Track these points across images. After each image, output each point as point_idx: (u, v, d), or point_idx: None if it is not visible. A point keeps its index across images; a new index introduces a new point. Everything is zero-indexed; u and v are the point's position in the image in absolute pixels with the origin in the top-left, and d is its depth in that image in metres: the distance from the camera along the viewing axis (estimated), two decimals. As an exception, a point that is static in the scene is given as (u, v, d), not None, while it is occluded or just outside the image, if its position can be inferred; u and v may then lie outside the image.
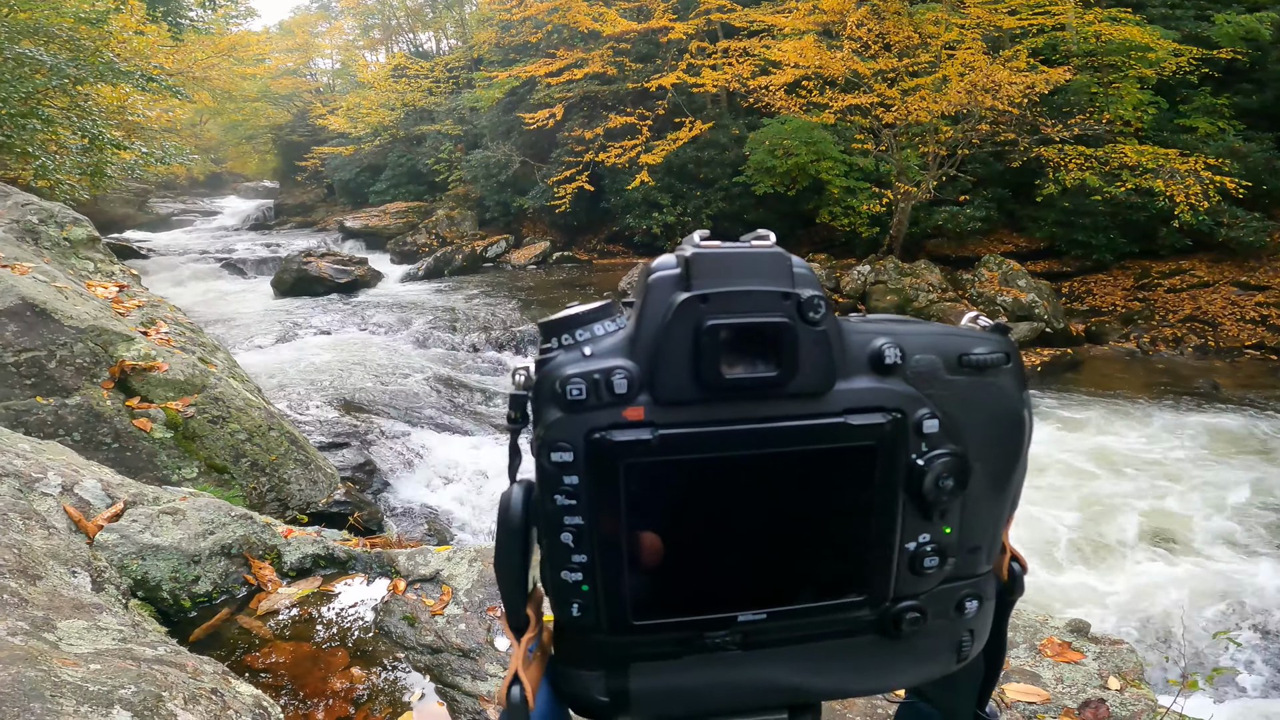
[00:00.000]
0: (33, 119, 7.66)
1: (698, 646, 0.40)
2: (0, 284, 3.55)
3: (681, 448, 0.36)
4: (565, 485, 0.37)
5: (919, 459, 0.39)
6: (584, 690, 0.41)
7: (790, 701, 0.43)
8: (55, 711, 0.83)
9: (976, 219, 11.63)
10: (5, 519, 1.34)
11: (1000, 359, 0.41)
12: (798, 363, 0.37)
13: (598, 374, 0.36)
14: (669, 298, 0.36)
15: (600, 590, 0.38)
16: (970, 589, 0.43)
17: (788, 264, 0.37)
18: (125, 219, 19.68)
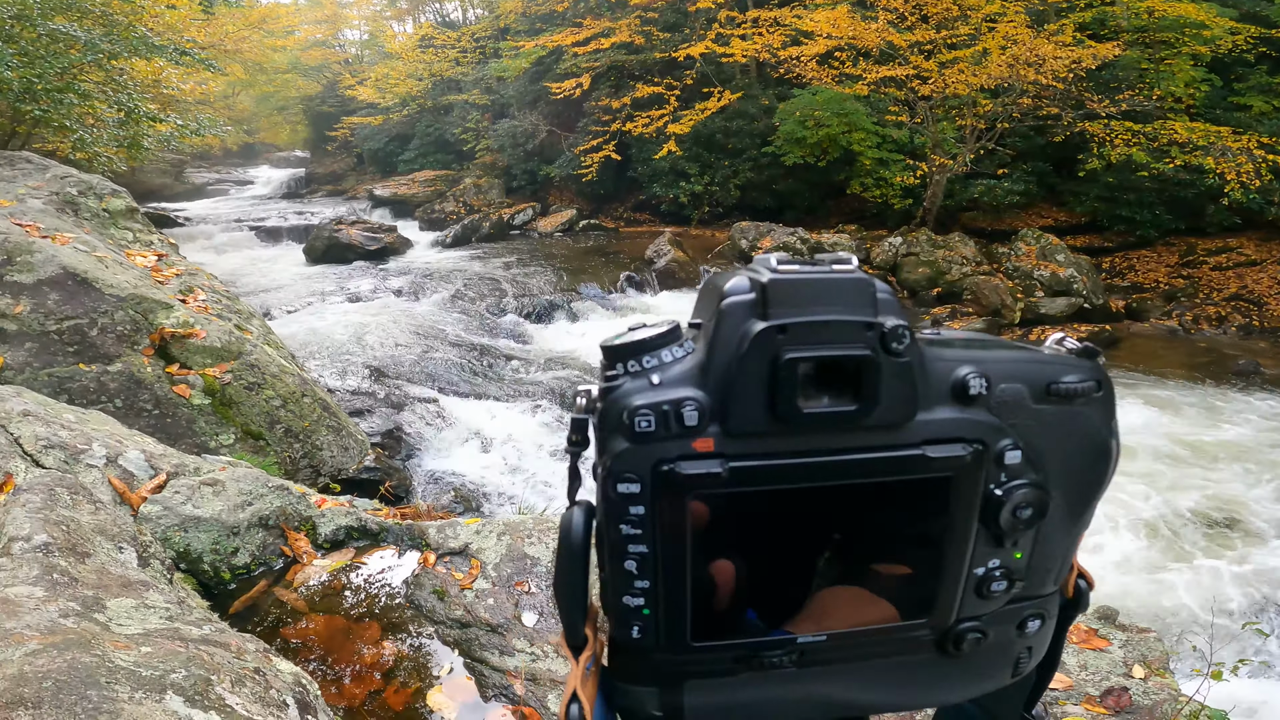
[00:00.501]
0: (69, 94, 7.80)
1: (754, 665, 0.40)
2: (41, 254, 3.66)
3: (752, 480, 0.36)
4: (631, 515, 0.36)
5: (997, 489, 0.38)
6: (639, 706, 0.41)
7: (841, 715, 0.43)
8: (111, 699, 0.84)
9: (1015, 192, 11.35)
10: (53, 494, 1.37)
11: (1091, 387, 0.39)
12: (878, 395, 0.36)
13: (667, 405, 0.35)
14: (743, 326, 0.35)
15: (661, 614, 0.38)
16: (1034, 609, 0.43)
17: (871, 291, 0.36)
18: (163, 189, 20.10)
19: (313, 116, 25.95)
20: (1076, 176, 11.15)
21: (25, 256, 3.64)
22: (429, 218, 15.69)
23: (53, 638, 0.93)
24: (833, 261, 0.37)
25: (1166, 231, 10.97)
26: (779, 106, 12.60)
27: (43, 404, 2.08)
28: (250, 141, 30.40)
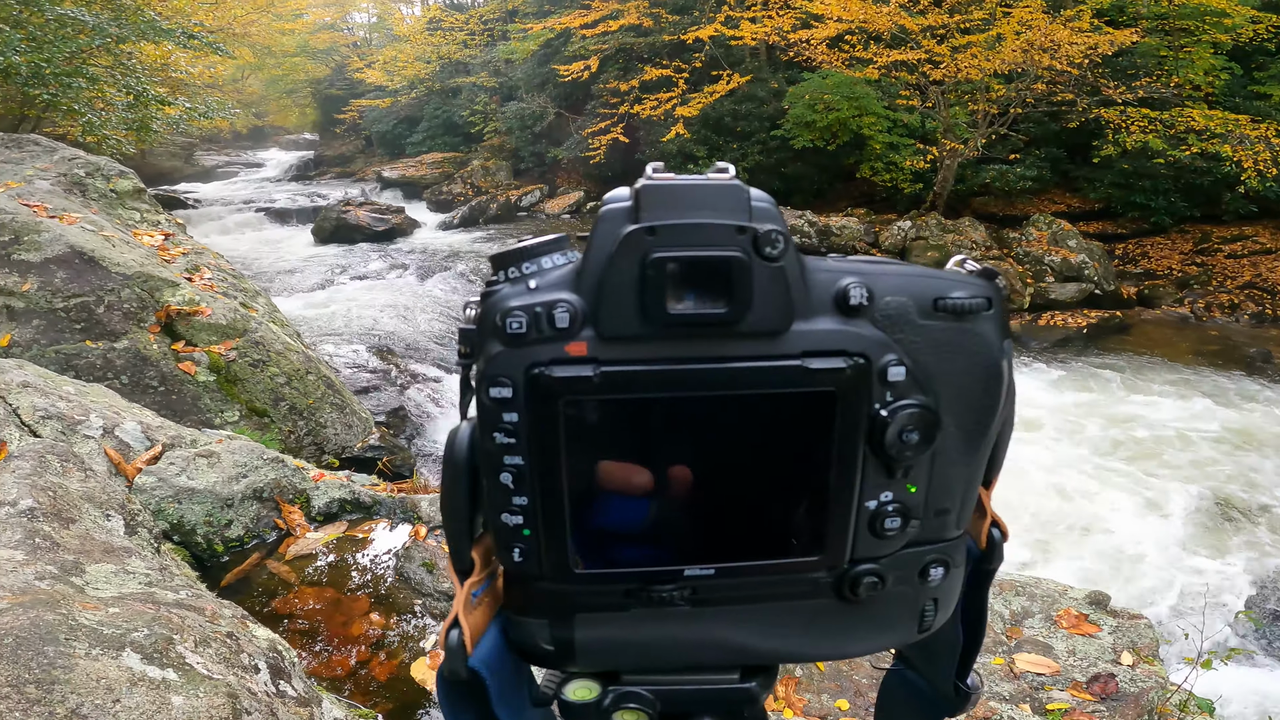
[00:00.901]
0: (78, 78, 7.84)
1: (645, 600, 0.38)
2: (49, 233, 3.71)
3: (625, 386, 0.34)
4: (505, 423, 0.35)
5: (883, 409, 0.36)
6: (530, 638, 0.41)
7: (741, 662, 0.42)
8: (67, 654, 0.86)
9: (1027, 178, 11.25)
10: (43, 461, 1.37)
11: (980, 304, 0.37)
12: (751, 300, 0.34)
13: (540, 307, 0.34)
14: (617, 230, 0.34)
15: (541, 535, 0.37)
16: (936, 554, 0.41)
17: (745, 196, 0.35)
18: (173, 172, 20.19)
19: (321, 99, 25.93)
20: (1091, 162, 11.02)
21: (32, 235, 3.69)
22: (437, 199, 15.74)
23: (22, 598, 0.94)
24: (712, 171, 0.36)
25: (1181, 219, 10.84)
26: (788, 90, 12.48)
27: (43, 376, 2.11)
28: (259, 125, 30.42)
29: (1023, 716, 2.23)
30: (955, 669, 0.48)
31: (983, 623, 0.47)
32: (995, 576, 0.46)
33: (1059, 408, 6.78)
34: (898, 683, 0.53)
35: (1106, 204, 11.32)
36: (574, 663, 0.41)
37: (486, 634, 0.41)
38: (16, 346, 3.32)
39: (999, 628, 2.78)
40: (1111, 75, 10.27)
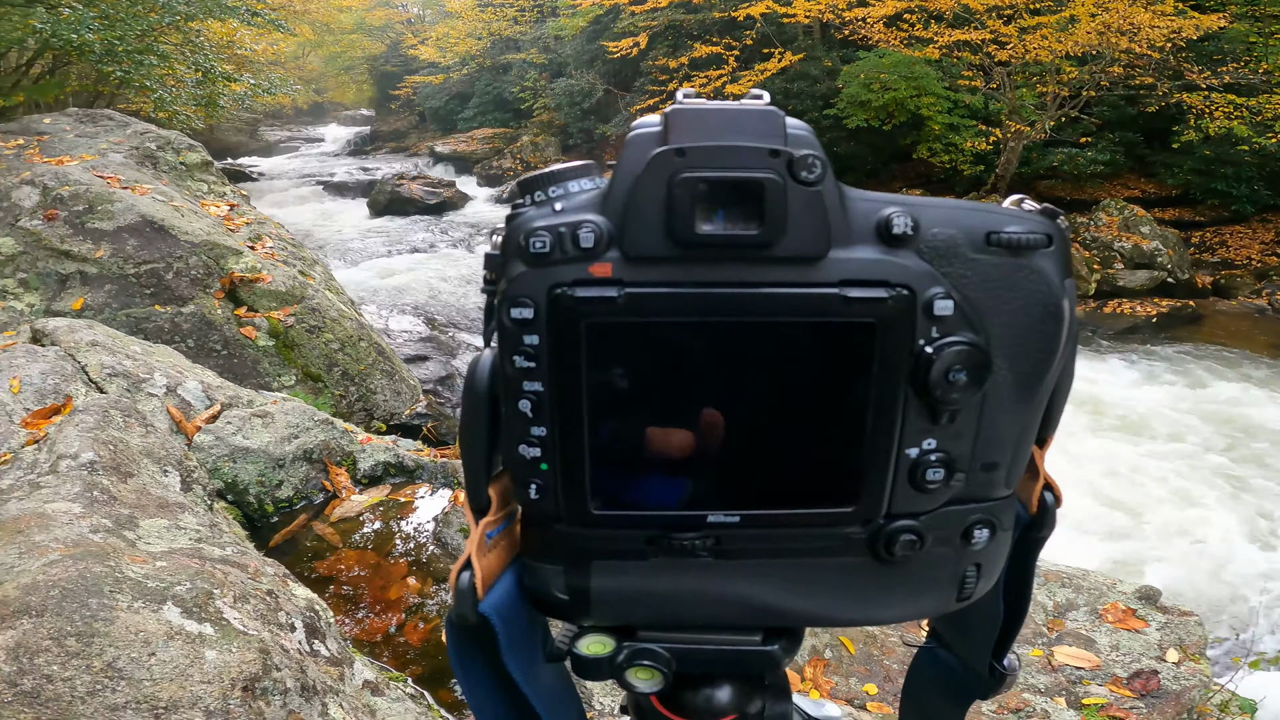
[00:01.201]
0: (149, 55, 8.14)
1: (665, 548, 0.36)
2: (121, 203, 3.91)
3: (650, 309, 0.33)
4: (525, 345, 0.34)
5: (927, 346, 0.33)
6: (544, 586, 0.39)
7: (764, 623, 0.40)
8: (110, 607, 0.89)
9: (1099, 162, 10.71)
10: (106, 416, 1.41)
11: (1039, 239, 0.34)
12: (785, 223, 0.32)
13: (564, 227, 0.33)
14: (645, 152, 0.33)
15: (559, 470, 0.35)
16: (982, 514, 0.37)
17: (780, 122, 0.33)
18: (239, 146, 20.98)
19: (377, 76, 26.44)
20: (1169, 148, 10.42)
21: (105, 205, 3.90)
22: (487, 174, 16.04)
23: (74, 550, 0.98)
24: (747, 98, 0.35)
25: (1264, 208, 10.19)
26: (843, 69, 12.11)
27: (112, 336, 2.24)
28: (319, 100, 31.21)
29: (1056, 710, 2.18)
30: (993, 647, 0.44)
31: (1027, 597, 0.43)
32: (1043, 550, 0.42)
33: (1122, 397, 6.50)
34: (928, 661, 0.51)
35: (1184, 190, 10.74)
36: (589, 614, 0.39)
37: (501, 580, 0.39)
38: (89, 310, 3.53)
39: (1040, 619, 2.71)
40: (1196, 60, 9.71)
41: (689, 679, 0.43)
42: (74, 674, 0.78)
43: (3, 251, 3.67)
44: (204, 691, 0.81)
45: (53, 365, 1.79)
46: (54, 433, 1.30)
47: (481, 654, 0.40)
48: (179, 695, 0.79)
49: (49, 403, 1.60)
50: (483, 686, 0.41)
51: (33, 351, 1.83)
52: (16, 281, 3.63)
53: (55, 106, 7.68)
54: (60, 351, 1.96)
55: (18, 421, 1.45)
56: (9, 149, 4.55)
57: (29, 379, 1.65)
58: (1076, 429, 5.78)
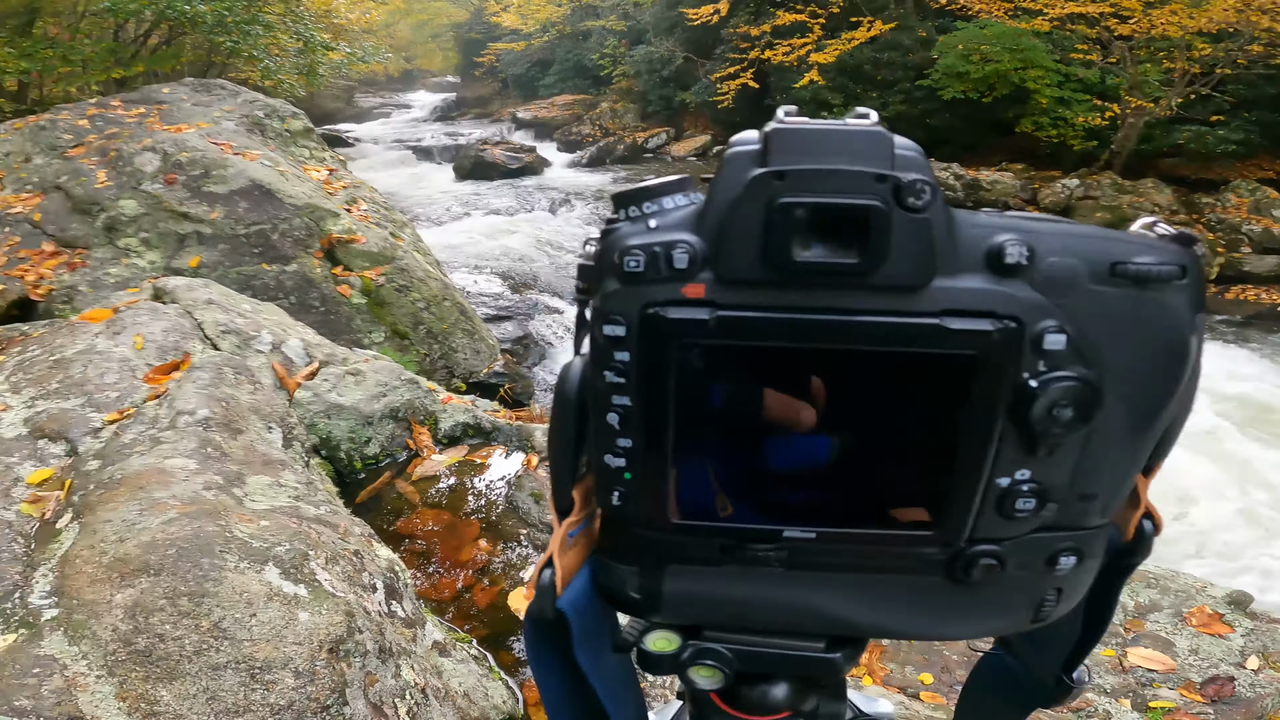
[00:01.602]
0: (256, 25, 8.57)
1: (739, 557, 0.37)
2: (233, 168, 4.18)
3: (742, 332, 0.32)
4: (616, 361, 0.34)
5: (1033, 380, 0.32)
6: (618, 584, 0.40)
7: (830, 631, 0.40)
8: (219, 567, 0.93)
9: (1231, 141, 9.80)
10: (220, 373, 1.49)
11: (1172, 272, 0.32)
12: (888, 251, 0.31)
13: (658, 246, 0.33)
14: (743, 174, 0.32)
15: (642, 480, 0.36)
16: (1071, 542, 0.36)
17: (888, 144, 0.32)
18: (336, 113, 21.89)
19: (462, 43, 26.85)
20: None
21: (220, 170, 4.18)
22: (566, 140, 16.14)
23: (190, 508, 1.03)
24: (850, 116, 0.33)
25: None
26: (938, 39, 11.44)
27: (225, 294, 2.40)
28: (408, 68, 31.98)
29: (1120, 711, 2.09)
30: (1065, 661, 0.44)
31: (1108, 617, 0.42)
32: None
33: (1241, 389, 5.97)
34: (993, 666, 0.50)
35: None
36: (658, 613, 0.40)
37: (577, 576, 0.41)
38: (204, 268, 3.82)
39: (1118, 619, 2.59)
40: None
41: (747, 675, 0.44)
42: (184, 633, 0.84)
43: (126, 213, 4.01)
44: (295, 653, 0.85)
45: (173, 323, 1.95)
46: (173, 389, 1.41)
47: (556, 647, 0.41)
48: (273, 656, 0.84)
49: (169, 359, 1.76)
50: (553, 675, 0.43)
51: (155, 309, 2.00)
52: (139, 240, 3.96)
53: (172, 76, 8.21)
54: (179, 309, 2.13)
55: (140, 377, 1.60)
56: (131, 117, 4.92)
57: (151, 336, 1.81)
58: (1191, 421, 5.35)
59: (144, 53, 9.03)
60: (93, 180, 4.16)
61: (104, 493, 1.06)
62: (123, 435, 1.27)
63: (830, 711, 0.46)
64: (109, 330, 1.78)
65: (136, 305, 2.05)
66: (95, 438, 1.31)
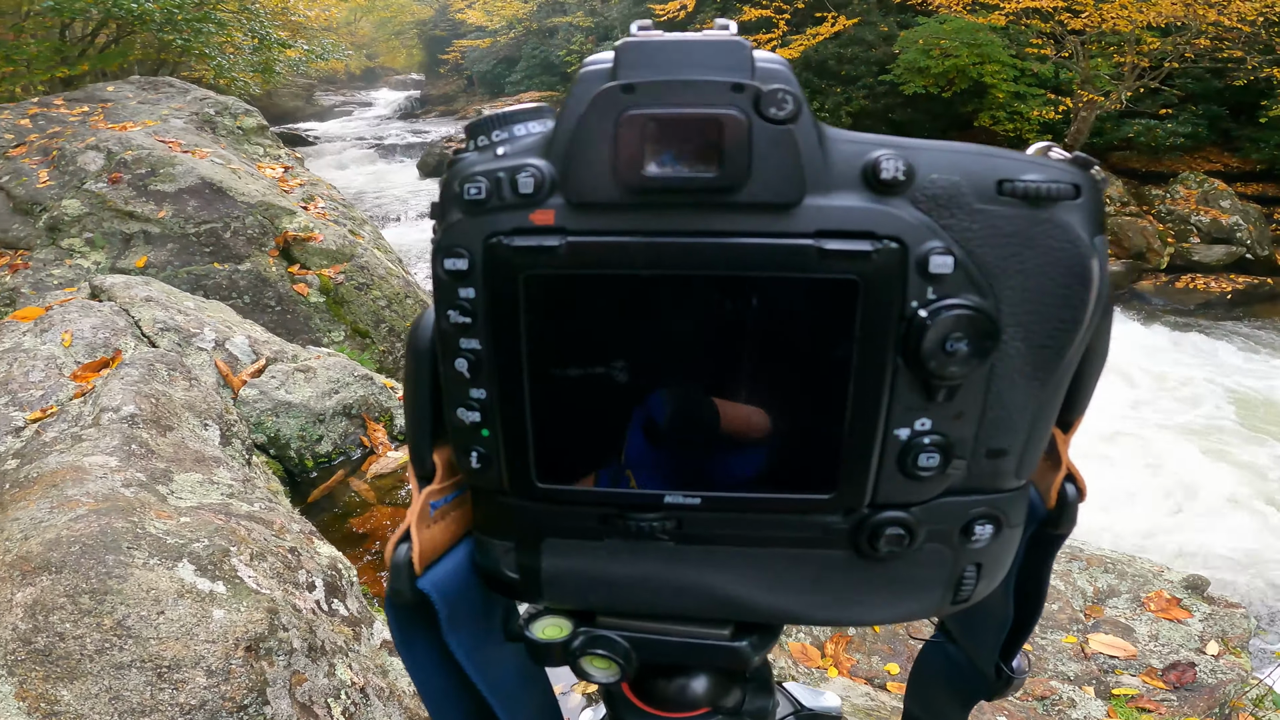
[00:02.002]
0: (208, 23, 8.33)
1: (621, 529, 0.33)
2: (182, 166, 4.05)
3: (596, 260, 0.29)
4: (461, 299, 0.31)
5: (921, 309, 0.29)
6: (494, 563, 0.36)
7: (731, 616, 0.36)
8: (126, 564, 0.88)
9: (1179, 134, 10.23)
10: (151, 369, 1.41)
11: (1064, 189, 0.29)
12: (750, 165, 0.28)
13: (502, 172, 0.30)
14: (592, 90, 0.29)
15: (500, 437, 0.33)
16: (986, 508, 0.33)
17: (746, 53, 0.29)
18: (295, 111, 21.48)
19: (426, 40, 26.63)
20: (1256, 122, 9.93)
21: (167, 168, 4.05)
22: (534, 138, 16.24)
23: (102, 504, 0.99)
24: (711, 31, 0.31)
25: None
26: (900, 34, 11.71)
27: (166, 292, 2.32)
28: (371, 66, 31.57)
29: (1084, 699, 2.13)
30: (1000, 648, 0.41)
31: (1040, 598, 0.39)
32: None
33: (1189, 375, 6.18)
34: (935, 656, 0.48)
35: (1270, 166, 10.26)
36: (541, 595, 0.36)
37: (450, 555, 0.37)
38: (152, 267, 3.69)
39: (1078, 604, 2.64)
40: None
41: (661, 668, 0.40)
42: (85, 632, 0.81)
43: (69, 213, 3.86)
44: (207, 651, 0.82)
45: (105, 320, 1.87)
46: (100, 385, 1.35)
47: (424, 631, 0.37)
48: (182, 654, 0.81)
49: (99, 356, 1.69)
50: (425, 664, 0.38)
51: (87, 306, 1.92)
52: (83, 240, 3.82)
53: (120, 75, 7.96)
54: (115, 306, 2.05)
55: (67, 375, 1.53)
56: (75, 116, 4.75)
57: (80, 333, 1.74)
58: (1137, 404, 5.54)
59: (91, 51, 8.74)
60: (34, 180, 4.01)
61: (17, 491, 1.01)
62: (44, 434, 1.21)
63: (756, 708, 0.42)
64: (36, 329, 1.71)
65: (68, 304, 1.97)
66: (16, 437, 1.26)
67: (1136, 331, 7.34)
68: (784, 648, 2.17)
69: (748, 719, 0.42)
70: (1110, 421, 5.19)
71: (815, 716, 0.52)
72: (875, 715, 1.86)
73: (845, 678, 2.15)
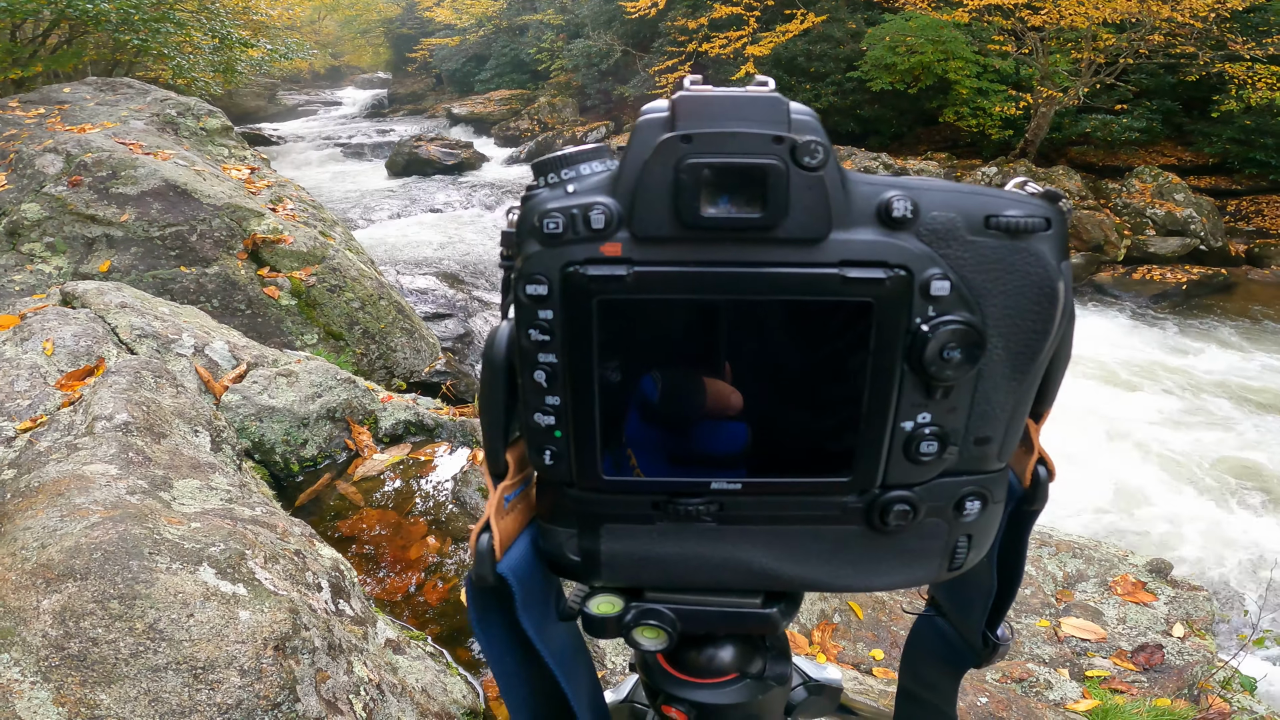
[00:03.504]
0: (166, 23, 8.10)
1: (671, 514, 0.39)
2: (144, 168, 3.94)
3: (658, 286, 0.35)
4: (540, 320, 0.36)
5: (923, 324, 0.35)
6: (558, 548, 0.41)
7: (763, 586, 0.42)
8: (150, 569, 0.90)
9: (1134, 129, 10.53)
10: (138, 377, 1.41)
11: (1037, 223, 0.36)
12: (787, 206, 0.34)
13: (576, 209, 0.35)
14: (653, 138, 0.34)
15: (571, 437, 0.38)
16: (974, 486, 0.39)
17: (784, 109, 0.34)
18: (258, 111, 20.97)
19: (393, 39, 26.19)
20: (1208, 117, 10.27)
21: (129, 171, 3.94)
22: (504, 135, 16.03)
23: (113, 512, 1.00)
24: (752, 85, 0.36)
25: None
26: (867, 31, 11.87)
27: (140, 297, 2.27)
28: (336, 64, 30.95)
29: (1059, 681, 2.20)
30: (986, 617, 0.47)
31: (1019, 569, 0.45)
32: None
33: (1147, 364, 6.41)
34: (926, 629, 0.53)
35: (1222, 159, 10.59)
36: (599, 575, 0.41)
37: (517, 542, 0.41)
38: (116, 272, 3.60)
39: (1049, 589, 2.73)
40: (1240, 30, 9.50)
41: (693, 639, 0.46)
42: (118, 636, 0.82)
43: (29, 217, 3.74)
44: (239, 651, 0.84)
45: (84, 327, 1.83)
46: (88, 394, 1.33)
47: (499, 613, 0.42)
48: (216, 655, 0.82)
49: (82, 364, 1.65)
50: (500, 643, 0.43)
51: (64, 314, 1.88)
52: (44, 245, 3.70)
53: (74, 76, 7.71)
54: (91, 314, 2.00)
55: (53, 383, 1.50)
56: (30, 118, 4.59)
57: (61, 341, 1.70)
58: (1100, 395, 5.72)
59: (43, 52, 8.43)
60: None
61: (21, 501, 1.00)
62: (38, 443, 1.19)
63: (777, 673, 0.48)
64: (16, 337, 1.66)
65: (44, 310, 1.92)
66: (8, 447, 1.23)
67: (1096, 322, 7.59)
68: (775, 636, 2.20)
69: (771, 682, 0.48)
70: (1073, 410, 5.36)
71: (821, 687, 0.57)
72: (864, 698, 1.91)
73: (833, 663, 2.20)
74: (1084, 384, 5.88)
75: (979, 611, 0.47)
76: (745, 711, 0.47)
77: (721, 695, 0.46)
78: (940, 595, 0.52)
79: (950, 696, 0.53)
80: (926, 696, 0.55)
